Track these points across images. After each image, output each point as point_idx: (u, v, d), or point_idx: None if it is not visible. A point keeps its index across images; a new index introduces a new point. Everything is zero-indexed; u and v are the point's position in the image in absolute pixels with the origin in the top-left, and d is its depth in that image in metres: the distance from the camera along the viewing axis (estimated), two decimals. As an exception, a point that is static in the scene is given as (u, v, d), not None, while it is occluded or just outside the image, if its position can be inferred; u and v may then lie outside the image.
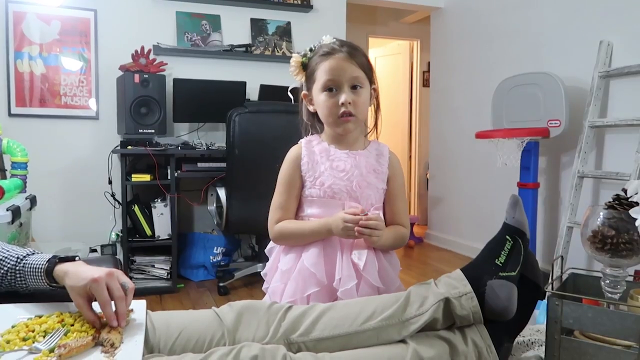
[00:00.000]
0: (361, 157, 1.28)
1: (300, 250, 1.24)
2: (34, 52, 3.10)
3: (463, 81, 4.00)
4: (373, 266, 1.21)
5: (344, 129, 1.25)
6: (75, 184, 3.19)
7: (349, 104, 1.21)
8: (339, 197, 1.24)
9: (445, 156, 4.25)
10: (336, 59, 1.22)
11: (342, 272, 1.18)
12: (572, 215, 2.77)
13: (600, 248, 1.06)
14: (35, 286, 1.00)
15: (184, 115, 3.25)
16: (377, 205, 1.28)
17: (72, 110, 3.20)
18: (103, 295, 0.90)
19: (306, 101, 1.32)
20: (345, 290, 1.17)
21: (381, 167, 1.30)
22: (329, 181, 1.24)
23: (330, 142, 1.30)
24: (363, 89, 1.24)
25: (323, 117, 1.27)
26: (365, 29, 5.21)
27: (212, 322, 1.00)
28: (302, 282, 1.20)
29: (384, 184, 1.30)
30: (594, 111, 2.76)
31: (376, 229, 1.16)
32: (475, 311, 1.02)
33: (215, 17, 3.49)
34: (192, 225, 3.48)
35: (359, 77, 1.23)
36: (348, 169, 1.25)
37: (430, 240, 4.42)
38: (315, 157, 1.28)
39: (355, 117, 1.23)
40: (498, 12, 3.60)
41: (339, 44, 1.25)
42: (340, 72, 1.21)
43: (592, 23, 2.87)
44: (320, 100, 1.24)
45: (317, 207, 1.26)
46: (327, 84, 1.22)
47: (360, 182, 1.25)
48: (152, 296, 2.83)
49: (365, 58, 1.27)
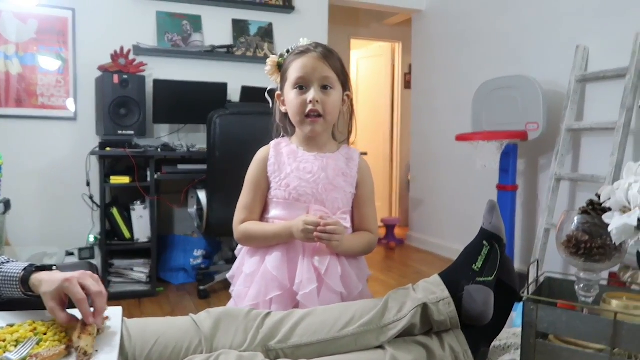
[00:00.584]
0: (329, 160, 1.27)
1: (264, 253, 1.23)
2: (10, 52, 3.04)
3: (444, 83, 4.03)
4: (335, 271, 1.20)
5: (311, 130, 1.23)
6: (52, 186, 3.13)
7: (316, 102, 1.20)
8: (304, 200, 1.23)
9: (426, 158, 4.28)
10: (308, 57, 1.22)
11: (302, 275, 1.17)
12: (550, 218, 2.82)
13: (574, 252, 1.08)
14: (10, 295, 0.98)
15: (164, 116, 3.22)
16: (345, 210, 1.26)
17: (50, 110, 3.14)
18: (77, 292, 0.87)
19: (279, 102, 1.32)
20: (305, 294, 1.15)
21: (350, 170, 1.28)
22: (294, 183, 1.23)
23: (299, 144, 1.30)
24: (334, 90, 1.24)
25: (291, 115, 1.26)
26: (348, 31, 5.22)
27: (189, 329, 0.99)
28: (264, 286, 1.19)
29: (352, 188, 1.28)
30: (571, 115, 2.81)
31: (335, 234, 1.15)
32: (453, 316, 1.03)
33: (197, 18, 3.46)
34: (172, 228, 3.45)
35: (329, 77, 1.22)
36: (315, 171, 1.24)
37: (412, 242, 4.45)
38: (283, 158, 1.28)
39: (323, 118, 1.22)
40: (478, 16, 3.64)
41: (314, 46, 1.25)
42: (310, 70, 1.21)
43: (569, 28, 2.93)
44: (290, 97, 1.24)
45: (281, 209, 1.25)
46: (297, 82, 1.22)
47: (327, 185, 1.23)
48: (131, 300, 2.79)
49: (340, 63, 1.27)
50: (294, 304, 1.18)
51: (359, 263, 1.29)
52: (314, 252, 1.20)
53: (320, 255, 1.19)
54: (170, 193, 3.20)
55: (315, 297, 1.16)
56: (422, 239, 4.32)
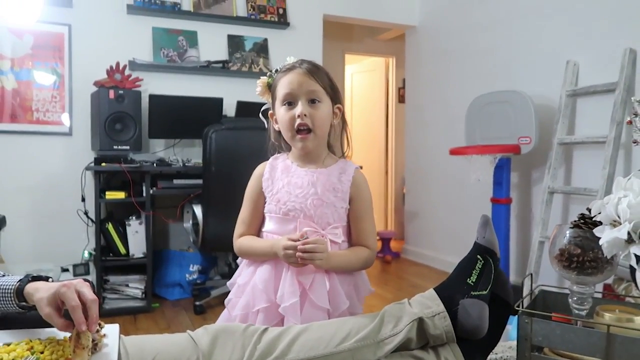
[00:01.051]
0: (320, 175, 1.27)
1: (257, 265, 1.26)
2: (5, 67, 3.05)
3: (437, 98, 4.08)
4: (321, 287, 1.19)
5: (302, 147, 1.25)
6: (46, 201, 3.12)
7: (304, 116, 1.21)
8: (293, 215, 1.24)
9: (420, 171, 4.31)
10: (294, 73, 1.24)
11: (283, 288, 1.18)
12: (544, 230, 2.84)
13: (567, 266, 1.09)
14: (3, 309, 0.98)
15: (159, 131, 3.23)
16: (335, 225, 1.26)
17: (45, 126, 3.14)
18: (73, 298, 0.88)
19: (272, 120, 1.33)
20: (286, 307, 1.16)
21: (342, 185, 1.27)
22: (284, 198, 1.25)
23: (294, 159, 1.32)
24: (322, 103, 1.25)
25: (283, 132, 1.27)
26: (342, 46, 5.28)
27: (186, 346, 0.99)
28: (253, 298, 1.21)
29: (344, 203, 1.27)
30: (562, 128, 2.85)
31: (315, 252, 1.14)
32: (448, 330, 1.04)
33: (192, 33, 3.50)
34: (168, 243, 3.44)
35: (316, 91, 1.24)
36: (304, 186, 1.25)
37: (407, 255, 4.46)
38: (276, 173, 1.30)
39: (312, 133, 1.23)
40: (470, 32, 3.70)
41: (300, 62, 1.27)
42: (297, 86, 1.23)
43: (559, 43, 2.98)
44: (280, 114, 1.26)
45: (274, 224, 1.27)
46: (285, 98, 1.24)
47: (315, 200, 1.24)
48: (127, 316, 2.77)
49: (327, 77, 1.28)
50: (281, 317, 1.19)
51: (355, 280, 1.28)
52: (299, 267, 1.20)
53: (305, 271, 1.19)
54: (166, 208, 3.20)
55: (297, 311, 1.17)
56: (417, 252, 4.32)
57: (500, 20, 3.42)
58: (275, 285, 1.21)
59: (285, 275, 1.20)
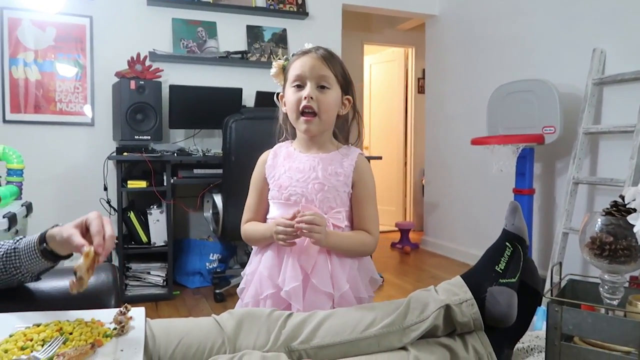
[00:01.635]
0: (322, 160, 1.26)
1: (262, 253, 1.27)
2: (29, 59, 3.09)
3: (458, 88, 4.02)
4: (323, 271, 1.18)
5: (305, 129, 1.23)
6: (70, 190, 3.17)
7: (311, 99, 1.20)
8: (295, 200, 1.23)
9: (441, 162, 4.26)
10: (308, 57, 1.24)
11: (285, 273, 1.18)
12: (568, 221, 2.79)
13: (598, 254, 1.07)
14: (28, 266, 1.00)
15: (180, 121, 3.25)
16: (339, 209, 1.24)
17: (67, 116, 3.18)
18: (99, 224, 0.92)
19: (281, 103, 1.33)
20: (288, 292, 1.16)
21: (345, 169, 1.25)
22: (286, 183, 1.25)
23: (298, 146, 1.31)
24: (330, 90, 1.24)
25: (289, 113, 1.27)
26: (361, 36, 5.23)
27: (212, 330, 1.00)
28: (260, 285, 1.22)
29: (347, 187, 1.25)
30: (588, 118, 2.78)
31: (314, 225, 1.12)
32: (476, 318, 1.02)
33: (212, 24, 3.50)
34: (188, 232, 3.47)
35: (326, 76, 1.23)
36: (305, 171, 1.24)
37: (426, 247, 4.42)
38: (279, 160, 1.30)
39: (317, 117, 1.22)
40: (492, 20, 3.63)
41: (316, 48, 1.27)
42: (308, 69, 1.22)
43: (585, 31, 2.90)
44: (288, 95, 1.26)
45: (277, 209, 1.27)
46: (295, 79, 1.24)
47: (317, 184, 1.23)
48: (148, 303, 2.81)
49: (341, 66, 1.27)
50: (287, 302, 1.18)
51: (358, 264, 1.25)
52: (300, 251, 1.19)
53: (307, 255, 1.19)
54: (186, 197, 3.23)
55: (299, 296, 1.16)
56: (437, 244, 4.29)
57: (523, 8, 3.35)
58: (280, 272, 1.21)
59: (287, 260, 1.19)
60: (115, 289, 1.16)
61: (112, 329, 0.95)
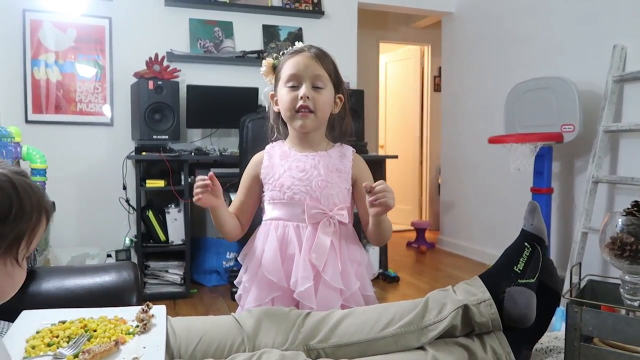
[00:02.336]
0: (321, 158, 1.27)
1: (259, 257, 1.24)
2: (50, 60, 3.15)
3: (475, 86, 3.99)
4: (334, 267, 1.19)
5: (301, 125, 1.24)
6: (90, 189, 3.22)
7: (307, 98, 1.21)
8: (299, 198, 1.23)
9: (457, 161, 4.24)
10: (301, 56, 1.25)
11: (297, 274, 1.17)
12: (587, 221, 2.75)
13: (619, 255, 1.06)
14: None
15: (197, 121, 3.28)
16: (342, 206, 1.25)
17: (87, 116, 3.24)
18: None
19: (272, 102, 1.33)
20: (301, 293, 1.16)
21: (344, 166, 1.28)
22: (287, 182, 1.24)
23: (291, 145, 1.31)
24: (325, 89, 1.25)
25: (283, 111, 1.27)
26: (376, 34, 5.22)
27: (232, 328, 1.01)
28: (264, 289, 1.21)
29: (347, 184, 1.27)
30: (608, 116, 2.74)
31: (387, 191, 1.11)
32: (494, 318, 1.02)
33: (228, 24, 3.52)
34: (205, 230, 3.50)
35: (321, 75, 1.24)
36: (307, 169, 1.25)
37: (443, 246, 4.40)
38: (275, 160, 1.29)
39: (313, 114, 1.23)
40: (509, 17, 3.60)
41: (308, 47, 1.28)
42: (302, 68, 1.22)
43: (605, 27, 2.86)
44: (282, 94, 1.25)
45: (278, 210, 1.26)
46: (289, 79, 1.24)
47: (320, 181, 1.23)
48: (166, 301, 2.83)
49: (333, 65, 1.28)
50: (295, 301, 1.18)
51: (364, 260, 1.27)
52: (310, 248, 1.19)
53: (318, 252, 1.18)
54: (203, 196, 3.25)
55: (312, 295, 1.16)
56: (453, 243, 4.27)
57: (541, 4, 3.31)
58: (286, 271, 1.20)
59: (298, 259, 1.19)
60: (137, 287, 1.18)
61: (135, 327, 0.97)
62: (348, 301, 1.20)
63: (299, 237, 1.21)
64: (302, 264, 1.18)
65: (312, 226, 1.21)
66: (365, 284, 1.25)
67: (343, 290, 1.19)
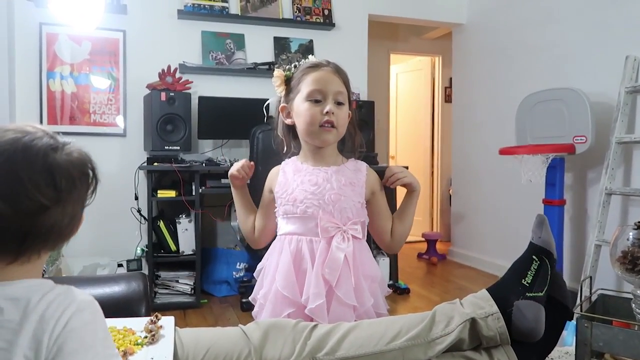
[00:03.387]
0: (335, 172, 1.27)
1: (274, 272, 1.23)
2: (66, 72, 3.21)
3: (486, 97, 3.98)
4: (347, 283, 1.18)
5: (322, 140, 1.24)
6: (102, 199, 3.19)
7: (332, 114, 1.22)
8: (312, 212, 1.22)
9: (468, 172, 4.22)
10: (324, 71, 1.25)
11: (309, 290, 1.16)
12: (600, 233, 2.72)
13: (630, 269, 1.05)
14: None
15: (208, 132, 3.31)
16: (355, 220, 1.24)
17: (101, 127, 3.28)
18: None
19: (283, 114, 1.33)
20: (312, 309, 1.15)
21: (358, 180, 1.27)
22: (300, 196, 1.24)
23: (304, 160, 1.31)
24: (344, 105, 1.26)
25: (304, 125, 1.25)
26: (387, 45, 5.24)
27: (239, 340, 1.01)
28: (278, 305, 1.20)
29: (361, 198, 1.26)
30: (621, 127, 2.72)
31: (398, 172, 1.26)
32: (502, 332, 1.01)
33: (240, 36, 3.57)
34: (216, 241, 3.52)
35: (343, 92, 1.26)
36: (320, 183, 1.24)
37: (454, 257, 4.37)
38: (289, 175, 1.29)
39: (336, 129, 1.24)
40: (520, 28, 3.59)
41: (326, 61, 1.29)
42: (327, 84, 1.23)
43: (618, 38, 2.84)
44: (303, 108, 1.24)
45: (292, 224, 1.26)
46: (312, 94, 1.23)
47: (333, 195, 1.23)
48: (176, 311, 2.85)
49: (348, 80, 1.30)
50: (310, 318, 1.17)
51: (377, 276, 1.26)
52: (323, 262, 1.18)
53: (331, 267, 1.17)
54: (214, 207, 3.28)
55: (324, 312, 1.15)
56: (464, 255, 4.23)
57: (552, 16, 3.30)
58: (300, 286, 1.19)
59: (310, 274, 1.18)
60: (146, 298, 1.19)
61: (143, 337, 0.98)
62: (361, 317, 1.18)
63: (312, 252, 1.21)
64: (314, 279, 1.17)
65: (326, 240, 1.20)
66: (378, 302, 1.24)
67: (356, 307, 1.18)
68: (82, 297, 0.68)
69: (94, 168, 0.77)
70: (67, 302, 0.65)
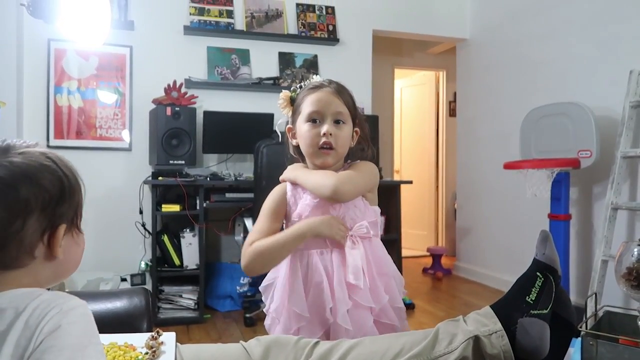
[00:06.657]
0: None
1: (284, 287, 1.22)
2: (73, 87, 3.25)
3: (490, 111, 3.98)
4: (362, 285, 1.17)
5: (322, 162, 1.25)
6: (107, 213, 3.26)
7: (329, 135, 1.22)
8: None
9: (473, 186, 4.21)
10: (323, 92, 1.25)
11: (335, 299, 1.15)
12: (607, 249, 2.69)
13: (635, 286, 1.03)
14: None
15: (213, 146, 3.33)
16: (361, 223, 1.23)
17: (107, 142, 3.31)
18: None
19: (289, 135, 1.33)
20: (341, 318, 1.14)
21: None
22: (305, 212, 1.23)
23: None
24: (345, 125, 1.26)
25: (304, 147, 1.26)
26: (391, 60, 5.27)
27: (240, 356, 1.01)
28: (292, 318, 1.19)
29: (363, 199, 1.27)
30: (626, 141, 2.71)
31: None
32: (506, 350, 1.00)
33: (245, 52, 3.60)
34: (220, 255, 3.51)
35: (342, 112, 1.25)
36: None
37: (459, 272, 4.34)
38: (297, 192, 1.28)
39: (334, 150, 1.24)
40: (524, 43, 3.61)
41: (328, 82, 1.29)
42: (324, 105, 1.23)
43: (622, 52, 2.85)
44: (303, 130, 1.25)
45: None
46: (311, 115, 1.24)
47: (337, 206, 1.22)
48: (180, 326, 2.84)
49: (351, 99, 1.29)
50: (323, 329, 1.17)
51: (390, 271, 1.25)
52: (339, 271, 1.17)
53: (354, 272, 1.16)
54: (218, 221, 3.28)
55: (346, 316, 1.14)
56: (470, 269, 4.20)
57: (556, 31, 3.32)
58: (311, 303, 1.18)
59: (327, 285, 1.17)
60: (147, 313, 1.19)
61: (144, 354, 0.97)
62: (379, 316, 1.19)
63: (324, 264, 1.20)
64: (337, 287, 1.16)
65: (337, 249, 1.20)
66: (394, 297, 1.23)
67: (373, 307, 1.18)
68: (70, 302, 0.66)
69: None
70: (51, 306, 0.64)
